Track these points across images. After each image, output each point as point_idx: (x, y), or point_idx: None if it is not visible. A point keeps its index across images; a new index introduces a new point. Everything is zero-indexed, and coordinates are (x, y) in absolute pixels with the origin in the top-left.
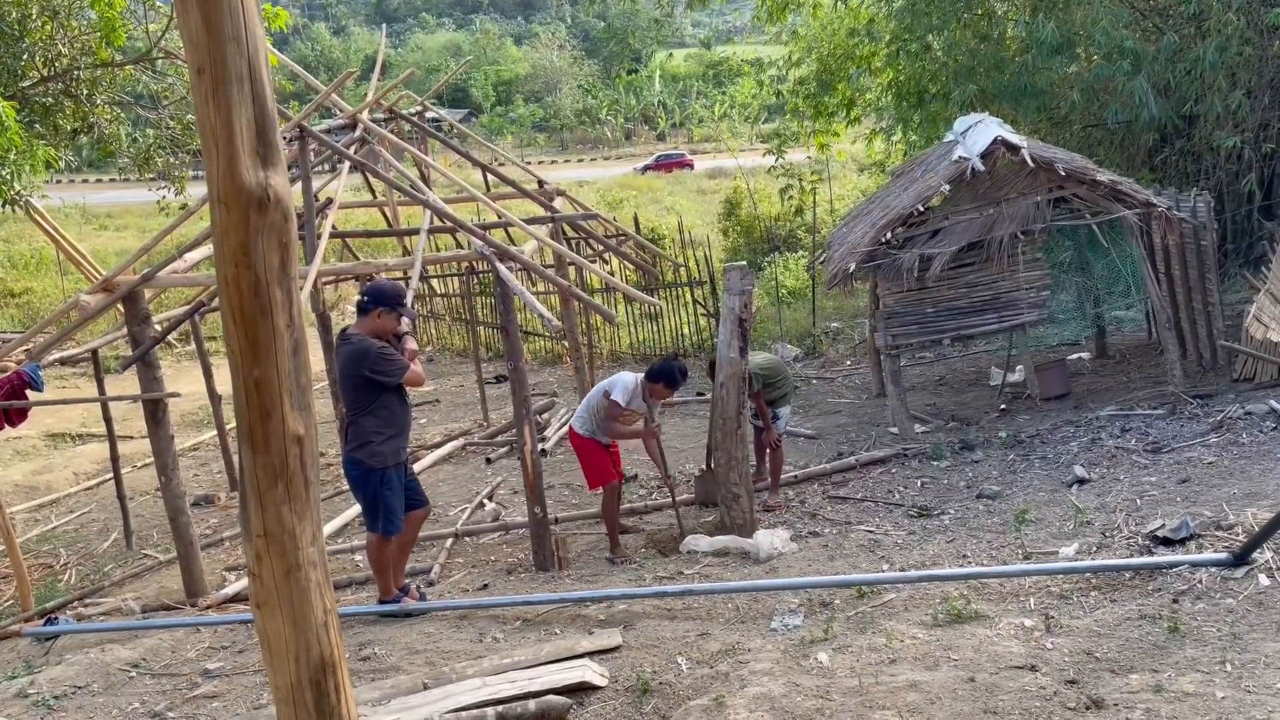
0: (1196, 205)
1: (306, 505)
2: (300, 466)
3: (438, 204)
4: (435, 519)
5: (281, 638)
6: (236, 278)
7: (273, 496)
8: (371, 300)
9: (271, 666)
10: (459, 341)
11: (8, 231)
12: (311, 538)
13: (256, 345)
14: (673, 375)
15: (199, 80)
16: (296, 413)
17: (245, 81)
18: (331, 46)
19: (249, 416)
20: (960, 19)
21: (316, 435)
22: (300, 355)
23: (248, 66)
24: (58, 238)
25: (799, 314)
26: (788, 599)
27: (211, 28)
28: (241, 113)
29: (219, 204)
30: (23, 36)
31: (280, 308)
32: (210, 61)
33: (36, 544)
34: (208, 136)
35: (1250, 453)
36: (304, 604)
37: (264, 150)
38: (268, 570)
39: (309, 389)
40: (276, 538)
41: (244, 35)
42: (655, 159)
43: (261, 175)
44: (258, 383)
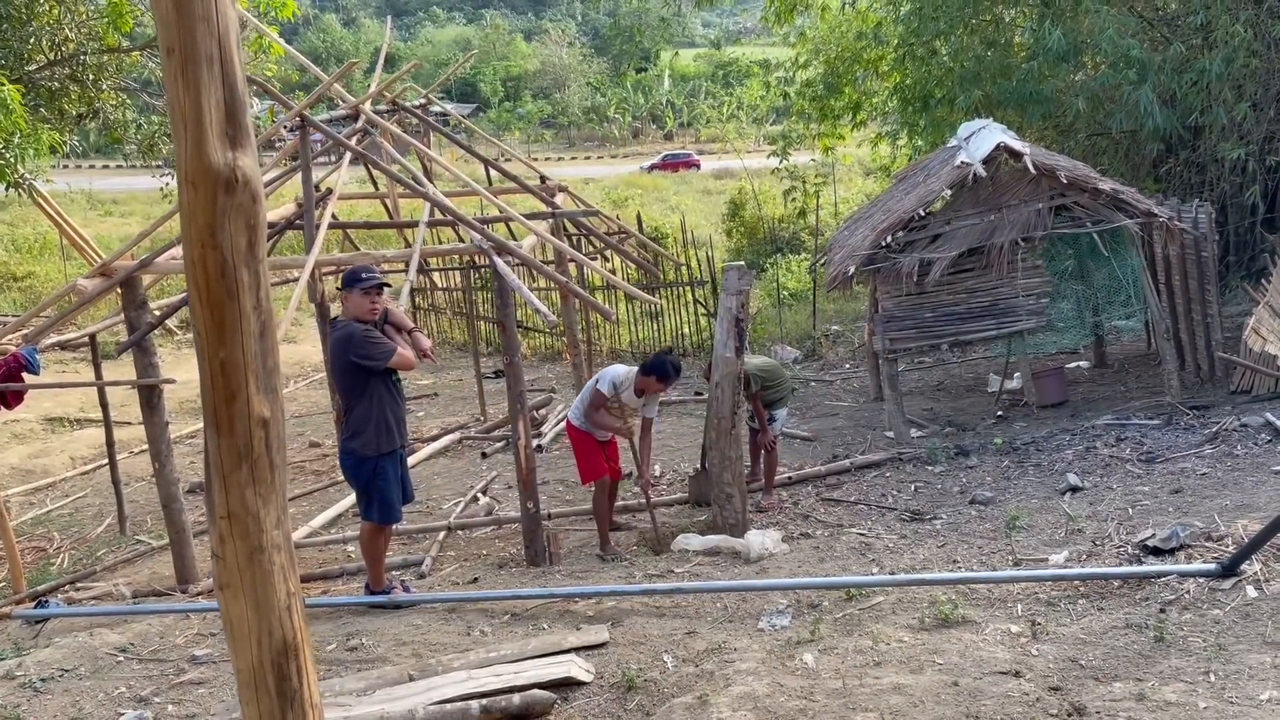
0: (1198, 216)
1: (271, 488)
2: (265, 449)
3: (437, 197)
4: (429, 512)
5: (244, 620)
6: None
7: (237, 479)
8: (342, 285)
9: (234, 649)
10: (459, 335)
11: (12, 215)
12: (276, 521)
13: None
14: (665, 369)
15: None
16: (262, 395)
17: (215, 63)
18: (342, 38)
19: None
20: (967, 24)
21: (283, 419)
22: (267, 338)
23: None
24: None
25: (800, 316)
26: (776, 599)
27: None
28: (211, 93)
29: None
30: (30, 20)
31: (247, 290)
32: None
33: (31, 527)
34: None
35: (1244, 465)
36: (267, 587)
37: (233, 131)
38: (231, 552)
39: (276, 372)
40: (240, 520)
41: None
42: (662, 158)
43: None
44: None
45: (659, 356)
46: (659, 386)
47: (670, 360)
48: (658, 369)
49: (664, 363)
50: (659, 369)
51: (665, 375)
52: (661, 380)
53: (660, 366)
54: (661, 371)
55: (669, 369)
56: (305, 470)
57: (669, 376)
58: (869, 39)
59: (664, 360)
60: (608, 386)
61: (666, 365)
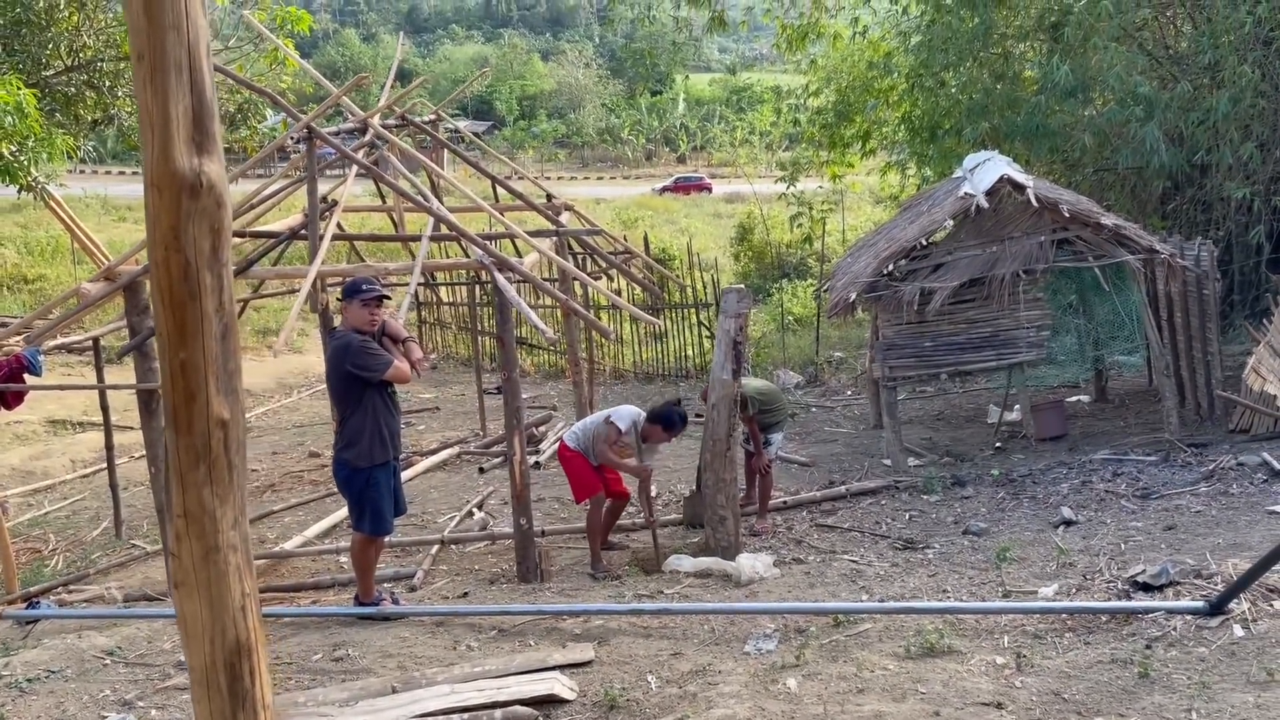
0: (1200, 254)
1: (229, 489)
2: (224, 450)
3: (441, 212)
4: (424, 525)
5: (198, 619)
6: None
7: (194, 478)
8: (342, 296)
9: (187, 647)
10: (463, 350)
11: (26, 218)
12: (233, 521)
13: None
14: (671, 420)
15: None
16: (222, 397)
17: (184, 70)
18: (361, 52)
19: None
20: (976, 57)
21: (243, 420)
22: (229, 340)
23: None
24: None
25: (804, 341)
26: (764, 623)
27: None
28: (179, 100)
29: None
30: (49, 26)
31: (210, 292)
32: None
33: (27, 528)
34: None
35: (1239, 503)
36: (222, 586)
37: (200, 138)
38: (187, 551)
39: (237, 374)
40: (196, 519)
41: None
42: (674, 180)
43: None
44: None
45: (668, 407)
46: (664, 436)
47: (678, 411)
48: (665, 419)
49: (671, 413)
50: (666, 419)
51: (671, 425)
52: (667, 430)
53: (668, 416)
54: (668, 421)
55: (676, 420)
56: (303, 480)
57: (674, 428)
58: (879, 69)
59: (671, 411)
60: (627, 425)
61: (674, 416)
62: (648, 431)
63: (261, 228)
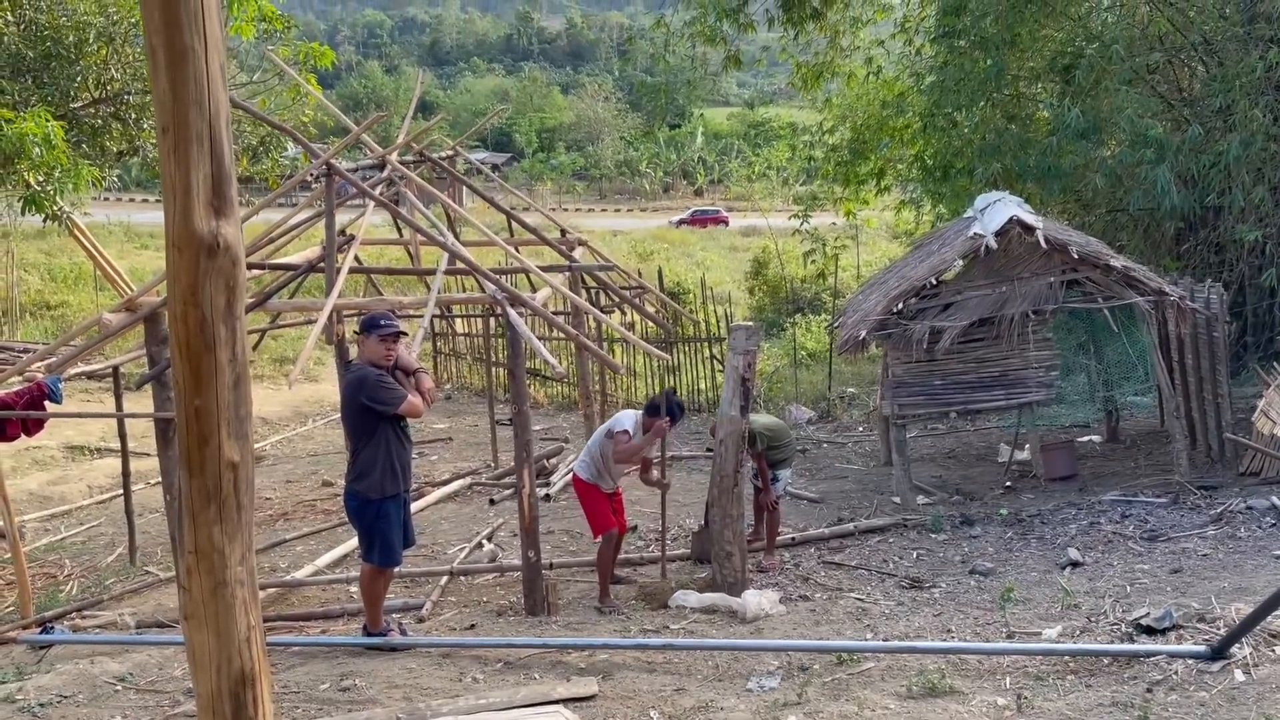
0: (1210, 296)
1: (237, 527)
2: (234, 490)
3: (456, 247)
4: (433, 556)
5: (206, 649)
6: (185, 315)
7: (205, 517)
8: (358, 330)
9: (195, 676)
10: (478, 381)
11: (50, 245)
12: (240, 558)
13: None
14: (670, 410)
15: (164, 137)
16: (233, 441)
17: (205, 141)
18: (383, 84)
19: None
20: (989, 98)
21: (252, 463)
22: (241, 388)
23: (208, 128)
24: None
25: (816, 377)
26: (767, 660)
27: (178, 92)
28: (200, 168)
29: (173, 248)
30: (78, 59)
31: (224, 344)
32: (175, 122)
33: (43, 553)
34: (168, 187)
35: (1246, 547)
36: (229, 619)
37: (218, 202)
38: (197, 585)
39: (248, 420)
40: (206, 555)
41: (206, 100)
42: (691, 213)
43: (214, 224)
44: (198, 411)
45: (664, 396)
46: (665, 427)
47: (675, 400)
48: (665, 409)
49: (670, 403)
50: (666, 409)
51: (671, 415)
52: (667, 417)
53: (667, 407)
54: (668, 411)
55: (673, 408)
56: (316, 509)
57: (674, 415)
58: (893, 108)
59: (670, 400)
60: (634, 427)
61: (671, 405)
62: (647, 424)
63: (281, 260)
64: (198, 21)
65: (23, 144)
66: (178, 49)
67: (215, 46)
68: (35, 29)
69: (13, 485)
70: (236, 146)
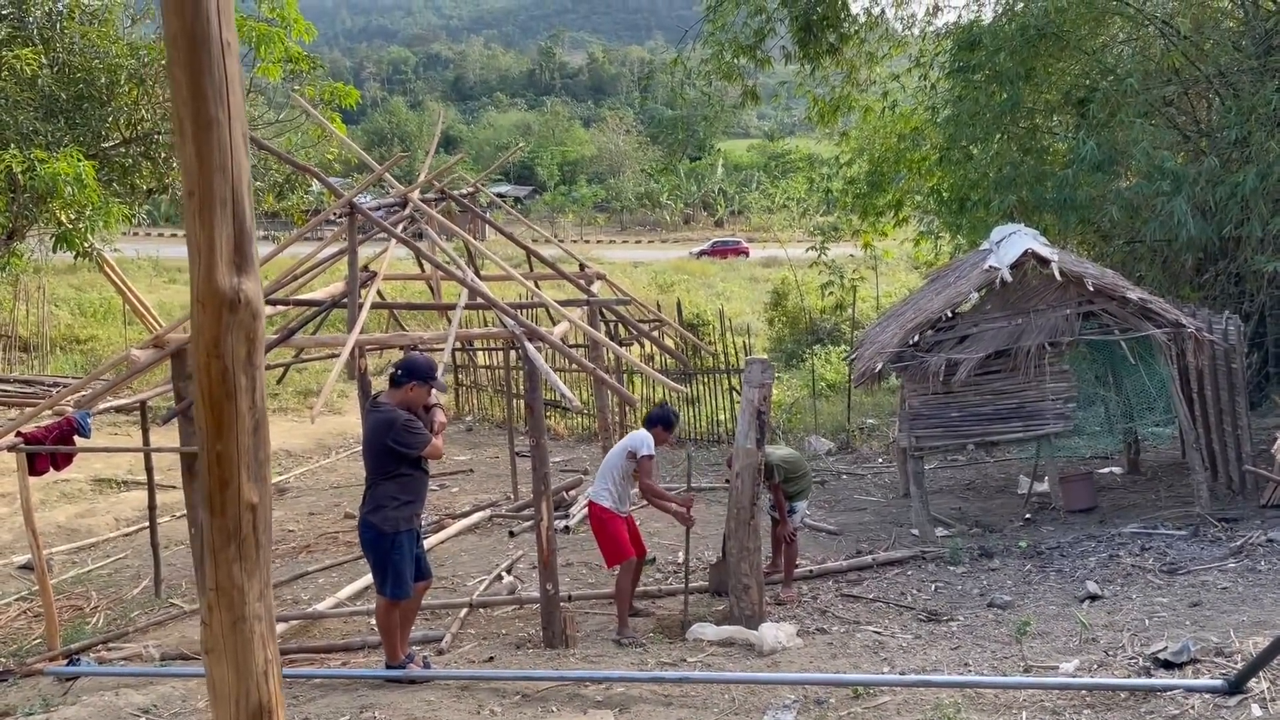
0: (1228, 328)
1: (256, 565)
2: (253, 530)
3: (475, 283)
4: (453, 588)
5: (225, 682)
6: (208, 365)
7: (226, 555)
8: (405, 374)
9: (215, 708)
10: (499, 413)
11: (80, 280)
12: (259, 594)
13: (221, 423)
14: (669, 418)
15: (189, 200)
16: (252, 483)
17: (228, 204)
18: (407, 120)
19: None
20: (1005, 130)
21: (270, 504)
22: (260, 433)
23: (231, 192)
24: (125, 290)
25: (836, 408)
26: (784, 693)
27: (203, 159)
28: (223, 230)
29: (197, 303)
30: (109, 100)
31: (244, 392)
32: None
33: (70, 585)
34: (193, 247)
35: (1265, 580)
36: (247, 653)
37: (239, 260)
38: (217, 620)
39: (267, 463)
40: (226, 592)
41: (230, 165)
42: (711, 244)
43: (236, 281)
44: (219, 455)
45: (661, 409)
46: (665, 436)
47: (671, 410)
48: (663, 420)
49: (667, 413)
50: (664, 420)
51: (669, 424)
52: (667, 429)
53: (664, 418)
54: (666, 421)
55: (670, 417)
56: (338, 540)
57: (671, 424)
58: (909, 141)
59: (666, 410)
60: (650, 449)
61: (669, 414)
62: (661, 438)
63: (306, 295)
64: (222, 94)
65: (55, 183)
66: (203, 120)
67: (238, 116)
68: (68, 71)
69: (41, 518)
70: (263, 184)
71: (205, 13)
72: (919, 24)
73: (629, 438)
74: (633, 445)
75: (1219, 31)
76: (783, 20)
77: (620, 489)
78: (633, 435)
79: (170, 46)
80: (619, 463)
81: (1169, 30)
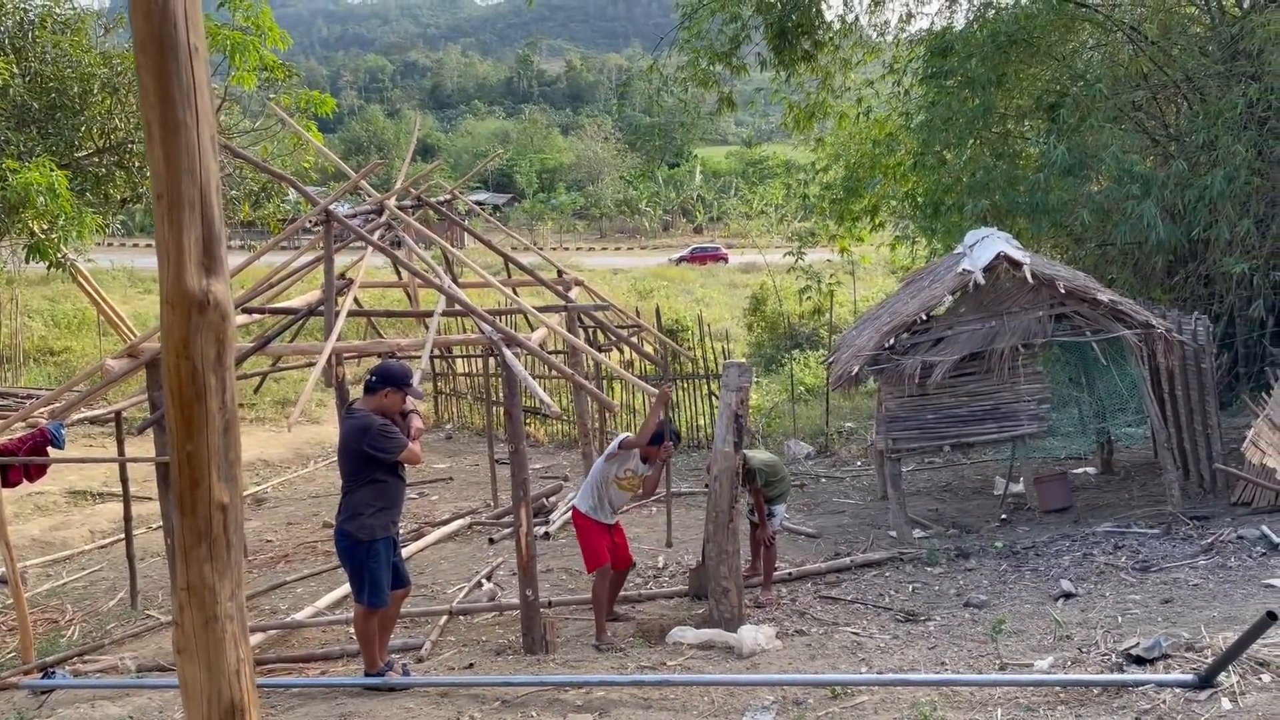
0: (1197, 329)
1: (227, 565)
2: (223, 530)
3: (452, 290)
4: (433, 596)
5: (197, 682)
6: (177, 367)
7: (196, 555)
8: (379, 380)
9: (187, 708)
10: (479, 420)
11: (54, 291)
12: (230, 594)
13: (190, 424)
14: (660, 435)
15: (158, 203)
16: (223, 483)
17: (196, 207)
18: (385, 128)
19: (180, 484)
20: (978, 136)
21: (241, 504)
22: (230, 434)
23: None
24: (99, 300)
25: (814, 411)
26: (762, 695)
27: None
28: (191, 231)
29: (166, 305)
30: (82, 110)
31: (214, 393)
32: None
33: (45, 598)
34: (161, 249)
35: (1236, 577)
36: (219, 652)
37: (208, 262)
38: (188, 620)
39: (237, 463)
40: (198, 591)
41: (198, 168)
42: (690, 251)
43: (204, 283)
44: (190, 456)
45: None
46: (653, 451)
47: (670, 425)
48: (656, 436)
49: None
50: (655, 436)
51: (658, 439)
52: (655, 442)
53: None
54: (658, 437)
55: (665, 432)
56: (317, 550)
57: (661, 439)
58: (884, 147)
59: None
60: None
61: (667, 429)
62: (649, 454)
63: (283, 304)
64: (190, 98)
65: (27, 193)
66: (171, 123)
67: (206, 120)
68: (40, 80)
69: (15, 531)
70: (239, 192)
71: (172, 17)
72: (892, 31)
73: (610, 446)
74: (610, 449)
75: (1186, 37)
76: (758, 27)
77: (600, 495)
78: (618, 438)
79: (138, 51)
80: (599, 469)
81: (1137, 36)
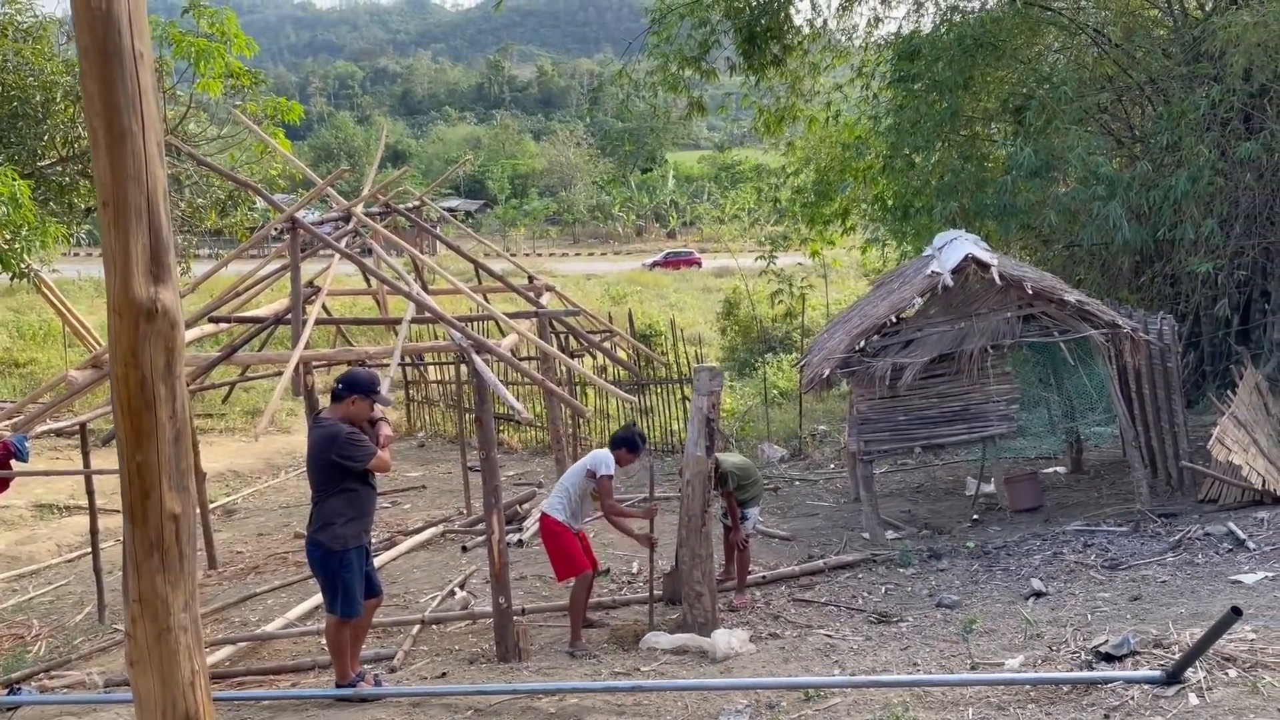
0: (1162, 328)
1: (180, 576)
2: (175, 541)
3: (421, 297)
4: (405, 605)
5: (151, 694)
6: (126, 376)
7: (148, 566)
8: (345, 388)
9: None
10: (451, 428)
11: (18, 303)
12: (184, 605)
13: (140, 434)
14: (633, 441)
15: (104, 210)
16: (174, 493)
17: (143, 214)
18: (354, 135)
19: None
20: (946, 139)
21: (193, 514)
22: (181, 443)
23: (146, 202)
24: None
25: (788, 415)
26: (736, 699)
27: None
28: (138, 239)
29: (113, 313)
30: (45, 118)
31: (163, 402)
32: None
33: (11, 614)
34: (108, 257)
35: (1203, 573)
36: (173, 664)
37: (156, 270)
38: (141, 632)
39: (189, 473)
40: (150, 603)
41: (144, 176)
42: (664, 256)
43: (152, 290)
44: (140, 466)
45: (628, 430)
46: (629, 458)
47: (637, 431)
48: (628, 442)
49: (633, 435)
50: (629, 442)
51: (635, 447)
52: (632, 451)
53: (629, 439)
54: (631, 444)
55: (636, 440)
56: (287, 561)
57: (637, 447)
58: (853, 150)
59: (632, 432)
60: (609, 469)
61: (635, 437)
62: (617, 458)
63: (251, 312)
64: (135, 105)
65: None
66: (116, 130)
67: (152, 126)
68: (2, 89)
69: None
70: (205, 200)
71: (117, 24)
72: (860, 35)
73: (590, 456)
74: (593, 464)
75: (1149, 40)
76: (727, 32)
77: (575, 505)
78: (594, 454)
79: (82, 58)
80: (577, 480)
81: (1101, 39)
